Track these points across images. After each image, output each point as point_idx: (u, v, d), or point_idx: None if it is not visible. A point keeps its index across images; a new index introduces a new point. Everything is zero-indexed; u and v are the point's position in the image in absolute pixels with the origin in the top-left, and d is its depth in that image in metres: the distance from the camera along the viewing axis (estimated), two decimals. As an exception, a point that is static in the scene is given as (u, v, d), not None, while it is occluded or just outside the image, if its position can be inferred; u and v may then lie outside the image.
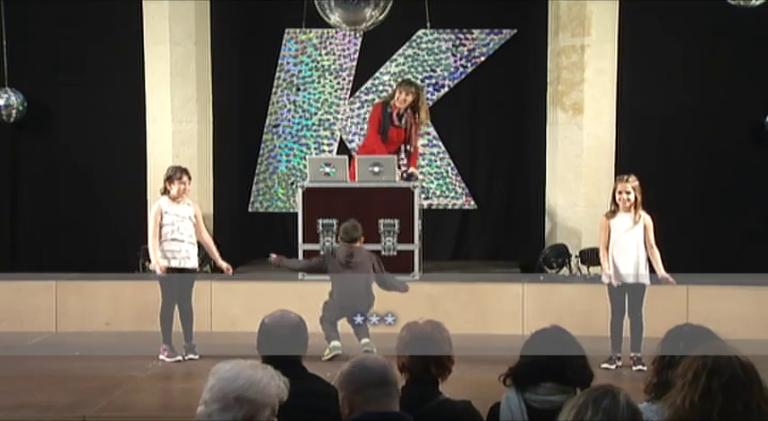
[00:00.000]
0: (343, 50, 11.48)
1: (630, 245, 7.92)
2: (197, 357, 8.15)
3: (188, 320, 8.27)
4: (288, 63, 11.53)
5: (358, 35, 11.16)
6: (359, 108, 11.41)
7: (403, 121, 9.89)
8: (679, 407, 3.11)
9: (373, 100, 11.07)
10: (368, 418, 3.44)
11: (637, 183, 7.98)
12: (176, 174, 8.24)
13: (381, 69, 11.39)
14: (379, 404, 3.46)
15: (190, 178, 8.35)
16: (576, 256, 9.71)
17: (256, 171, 11.59)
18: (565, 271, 9.81)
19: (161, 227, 8.19)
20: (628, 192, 7.92)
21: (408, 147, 9.96)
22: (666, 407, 3.18)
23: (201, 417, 3.11)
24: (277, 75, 11.53)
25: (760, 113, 10.40)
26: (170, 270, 8.21)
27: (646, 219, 7.95)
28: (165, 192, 8.25)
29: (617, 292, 8.02)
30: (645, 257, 7.94)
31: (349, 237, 8.17)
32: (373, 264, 8.18)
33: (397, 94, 9.88)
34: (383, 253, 8.67)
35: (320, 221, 9.46)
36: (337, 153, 11.21)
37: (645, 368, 7.48)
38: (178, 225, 8.19)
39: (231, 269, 8.46)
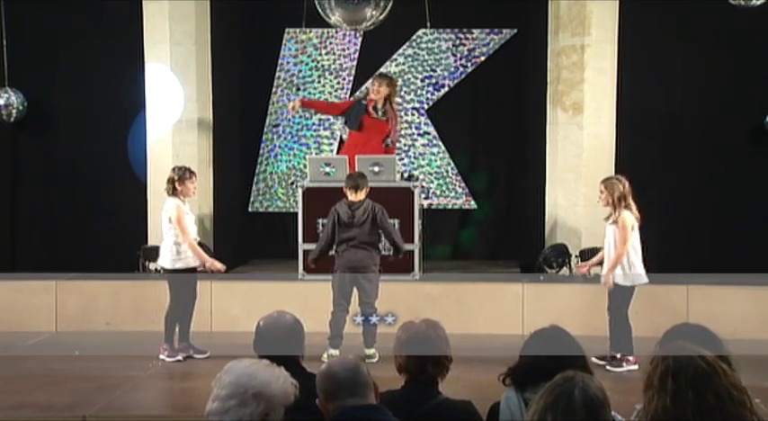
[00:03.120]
0: (343, 50, 11.49)
1: (609, 245, 7.93)
2: (204, 356, 8.14)
3: (190, 320, 8.27)
4: (288, 63, 11.54)
5: (358, 35, 11.16)
6: (359, 108, 11.42)
7: (380, 114, 9.84)
8: (653, 415, 3.09)
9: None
10: (345, 416, 3.47)
11: (610, 182, 7.93)
12: (186, 174, 8.18)
13: (381, 69, 11.38)
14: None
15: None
16: (576, 256, 9.71)
17: (256, 171, 11.59)
18: (565, 271, 9.81)
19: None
20: (600, 192, 7.94)
21: (388, 141, 9.90)
22: (643, 414, 3.17)
23: (215, 413, 3.12)
24: (277, 75, 11.54)
25: (760, 113, 10.40)
26: (188, 270, 8.20)
27: (622, 219, 7.86)
28: (175, 191, 8.15)
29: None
30: (625, 257, 7.87)
31: (353, 182, 8.09)
32: (375, 217, 8.05)
33: (372, 87, 9.87)
34: (383, 253, 8.65)
35: (320, 221, 9.44)
36: (337, 153, 11.21)
37: (619, 369, 7.65)
38: (191, 225, 8.21)
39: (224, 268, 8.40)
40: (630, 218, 7.82)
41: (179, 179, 8.14)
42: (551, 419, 2.85)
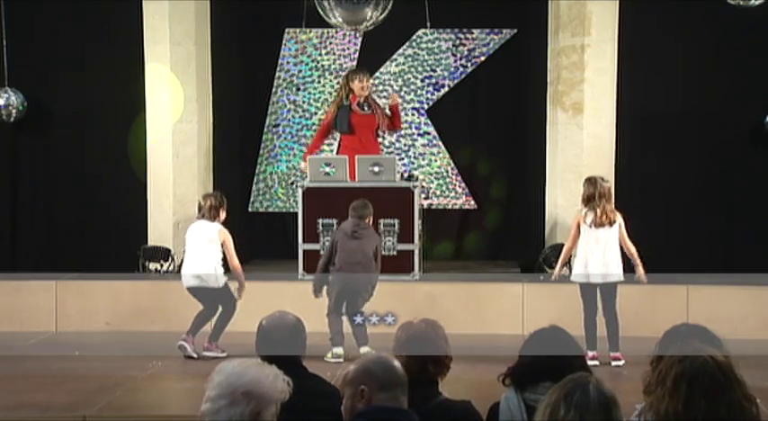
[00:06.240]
0: (343, 50, 11.48)
1: None
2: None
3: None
4: (288, 63, 11.53)
5: (358, 35, 11.15)
6: (359, 108, 11.41)
7: (366, 108, 9.94)
8: (663, 416, 3.09)
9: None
10: (371, 414, 3.46)
11: (584, 183, 8.14)
12: (224, 201, 8.41)
13: (381, 69, 11.38)
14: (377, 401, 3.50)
15: None
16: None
17: (256, 171, 11.59)
18: (565, 271, 9.80)
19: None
20: None
21: (379, 132, 10.04)
22: (650, 411, 3.17)
23: (207, 414, 3.13)
24: (277, 75, 11.53)
25: (760, 113, 10.40)
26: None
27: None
28: (217, 217, 8.33)
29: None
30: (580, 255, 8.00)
31: (357, 213, 8.17)
32: (376, 246, 8.22)
33: (356, 84, 9.90)
34: (383, 253, 8.65)
35: (320, 221, 9.46)
36: (337, 153, 11.21)
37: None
38: None
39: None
40: (579, 216, 8.00)
41: (221, 205, 8.31)
42: (564, 412, 2.82)
